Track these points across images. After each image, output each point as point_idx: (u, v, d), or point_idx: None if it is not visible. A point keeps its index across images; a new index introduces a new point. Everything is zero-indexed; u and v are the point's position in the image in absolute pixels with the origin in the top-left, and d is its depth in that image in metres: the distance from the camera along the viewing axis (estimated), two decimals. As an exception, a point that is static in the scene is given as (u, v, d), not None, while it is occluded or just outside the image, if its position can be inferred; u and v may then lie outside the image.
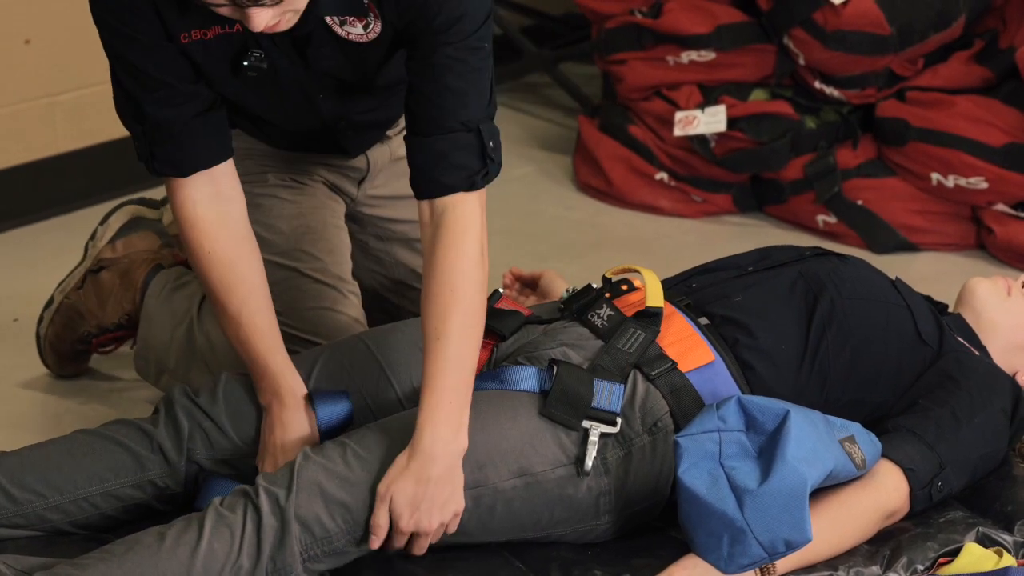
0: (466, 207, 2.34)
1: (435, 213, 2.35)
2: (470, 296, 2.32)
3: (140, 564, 2.19)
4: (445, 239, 2.33)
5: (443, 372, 2.29)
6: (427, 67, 2.32)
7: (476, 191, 2.35)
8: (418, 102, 2.34)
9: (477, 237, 2.34)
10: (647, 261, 2.67)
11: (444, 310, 2.31)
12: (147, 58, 2.35)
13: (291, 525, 2.23)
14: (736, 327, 2.50)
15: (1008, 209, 3.68)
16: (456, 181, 2.34)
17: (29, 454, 2.45)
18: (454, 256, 2.32)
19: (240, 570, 2.21)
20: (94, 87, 3.82)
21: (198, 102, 2.40)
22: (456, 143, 2.33)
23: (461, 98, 2.32)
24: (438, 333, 2.30)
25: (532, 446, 2.34)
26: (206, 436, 2.46)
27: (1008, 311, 2.74)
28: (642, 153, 3.99)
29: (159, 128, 2.39)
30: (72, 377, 3.12)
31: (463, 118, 2.33)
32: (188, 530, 2.23)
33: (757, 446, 2.28)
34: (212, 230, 2.43)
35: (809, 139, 3.83)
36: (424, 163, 2.35)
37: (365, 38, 2.40)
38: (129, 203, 3.10)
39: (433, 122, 2.33)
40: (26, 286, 3.34)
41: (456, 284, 2.31)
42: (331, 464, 2.28)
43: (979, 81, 3.76)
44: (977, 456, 2.50)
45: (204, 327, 2.82)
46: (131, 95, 2.39)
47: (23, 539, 2.40)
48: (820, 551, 2.33)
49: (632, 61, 4.00)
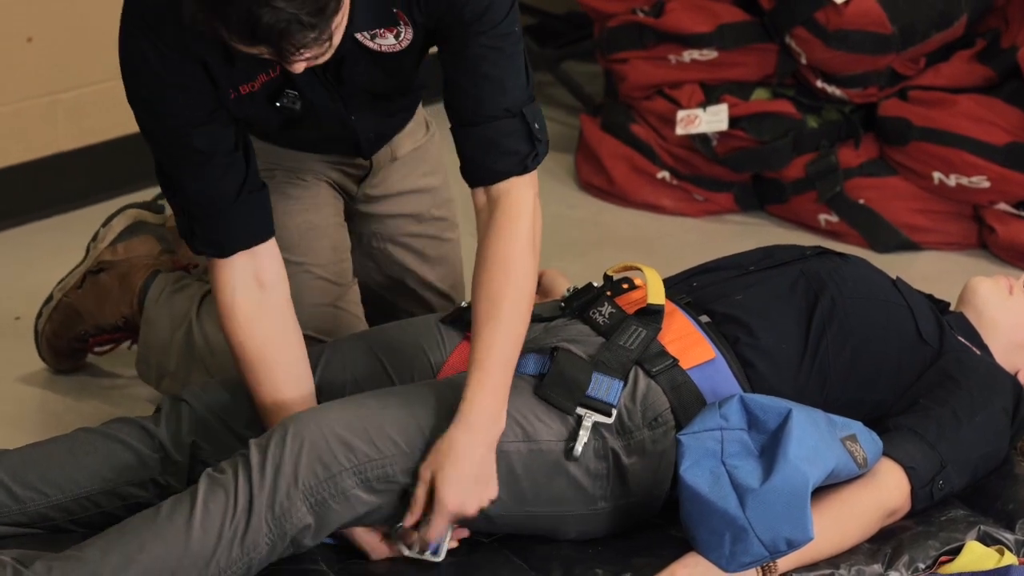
0: (520, 192, 2.37)
1: (490, 199, 2.38)
2: (522, 279, 2.35)
3: (139, 536, 2.20)
4: (499, 223, 2.36)
5: (492, 352, 2.31)
6: (462, 60, 2.34)
7: (528, 174, 2.38)
8: (458, 95, 2.36)
9: (529, 222, 2.37)
10: (649, 260, 2.67)
11: (497, 293, 2.33)
12: (195, 128, 2.34)
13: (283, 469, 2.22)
14: (737, 325, 2.50)
15: (1010, 208, 3.68)
16: (509, 167, 2.36)
17: (31, 452, 2.45)
18: (507, 240, 2.35)
19: (238, 527, 2.21)
20: (96, 85, 3.82)
21: (238, 175, 2.39)
22: (502, 129, 2.35)
23: (500, 85, 2.34)
24: (489, 315, 2.33)
25: (536, 415, 2.35)
26: (209, 434, 2.46)
27: (1010, 310, 2.74)
28: (644, 152, 3.99)
29: (199, 206, 2.39)
30: (73, 374, 3.12)
31: (505, 104, 2.35)
32: (183, 498, 2.24)
33: (759, 445, 2.28)
34: (247, 322, 2.41)
35: (811, 138, 3.83)
36: (474, 153, 2.37)
37: (398, 47, 2.40)
38: (133, 207, 3.10)
39: (476, 112, 2.35)
40: (28, 284, 3.35)
41: (509, 268, 2.34)
42: (322, 412, 2.28)
43: (981, 80, 3.76)
44: (978, 455, 2.50)
45: (203, 329, 2.82)
46: (171, 175, 2.39)
47: (25, 537, 2.40)
48: (822, 549, 2.33)
49: (634, 60, 4.00)
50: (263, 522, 2.22)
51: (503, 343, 2.32)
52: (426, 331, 2.57)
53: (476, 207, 2.40)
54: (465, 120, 2.36)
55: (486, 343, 2.32)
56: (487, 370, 2.30)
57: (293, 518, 2.23)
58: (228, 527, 2.21)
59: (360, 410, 2.30)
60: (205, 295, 2.87)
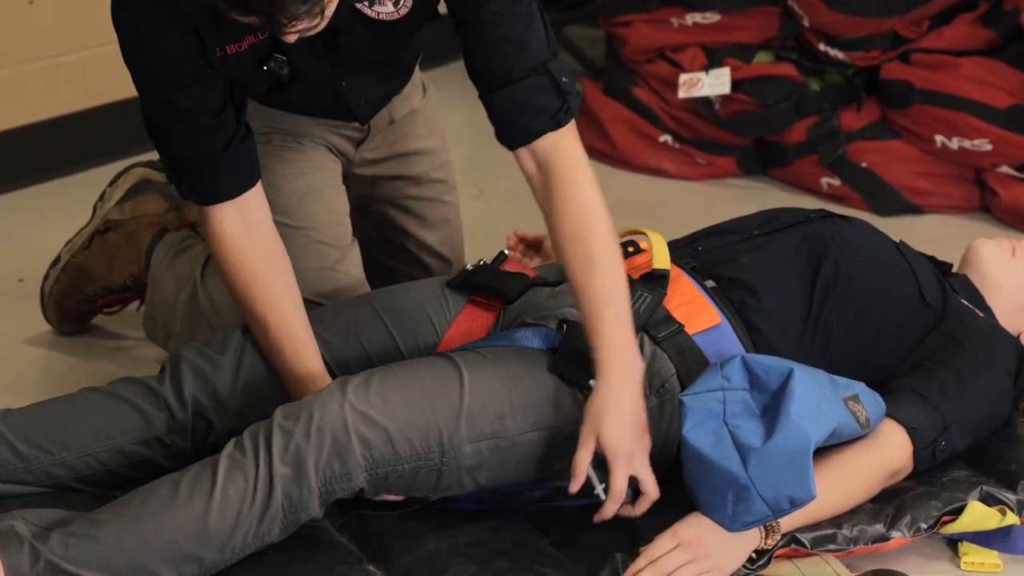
0: (567, 145, 2.37)
1: (539, 161, 2.38)
2: (604, 222, 2.35)
3: (156, 519, 2.20)
4: (560, 179, 2.36)
5: (605, 303, 2.31)
6: (477, 28, 2.34)
7: (568, 127, 2.38)
8: (480, 61, 2.36)
9: (587, 167, 2.38)
10: (652, 224, 2.67)
11: (586, 246, 2.33)
12: (180, 89, 2.36)
13: (306, 463, 2.23)
14: (742, 289, 2.50)
15: (1012, 171, 3.67)
16: (543, 124, 2.36)
17: (36, 411, 2.46)
18: (576, 191, 2.35)
19: (255, 513, 2.22)
20: (97, 48, 3.81)
21: (223, 134, 2.41)
22: (531, 88, 2.36)
23: (521, 45, 2.35)
24: (587, 269, 2.33)
25: (550, 401, 2.34)
26: (213, 392, 2.47)
27: (1013, 272, 2.74)
28: (646, 116, 3.98)
29: (185, 160, 2.42)
30: (77, 335, 3.12)
31: (529, 64, 2.35)
32: (202, 477, 2.23)
33: (761, 405, 2.29)
34: (237, 244, 2.45)
35: (813, 101, 3.82)
36: (505, 115, 2.38)
37: (397, 15, 2.40)
38: (139, 165, 3.11)
39: (502, 76, 2.36)
40: (30, 247, 3.35)
41: (590, 216, 2.34)
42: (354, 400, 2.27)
43: (984, 43, 3.76)
44: (981, 416, 2.50)
45: (208, 289, 2.82)
46: (159, 127, 2.42)
47: (31, 495, 2.41)
48: (824, 509, 2.34)
49: (636, 23, 3.99)
50: (280, 510, 2.24)
51: (612, 291, 2.31)
52: (431, 294, 2.57)
53: (527, 174, 2.40)
54: (493, 84, 2.37)
55: (596, 297, 2.31)
56: (608, 324, 2.30)
57: (308, 509, 2.25)
58: (246, 514, 2.22)
59: (385, 406, 2.28)
60: (209, 256, 2.87)
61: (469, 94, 2.45)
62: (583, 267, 2.33)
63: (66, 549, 2.17)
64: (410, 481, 2.30)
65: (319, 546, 2.32)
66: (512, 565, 2.29)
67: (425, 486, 2.32)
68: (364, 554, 2.33)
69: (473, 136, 4.00)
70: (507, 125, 2.38)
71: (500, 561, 2.30)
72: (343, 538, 2.36)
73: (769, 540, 2.29)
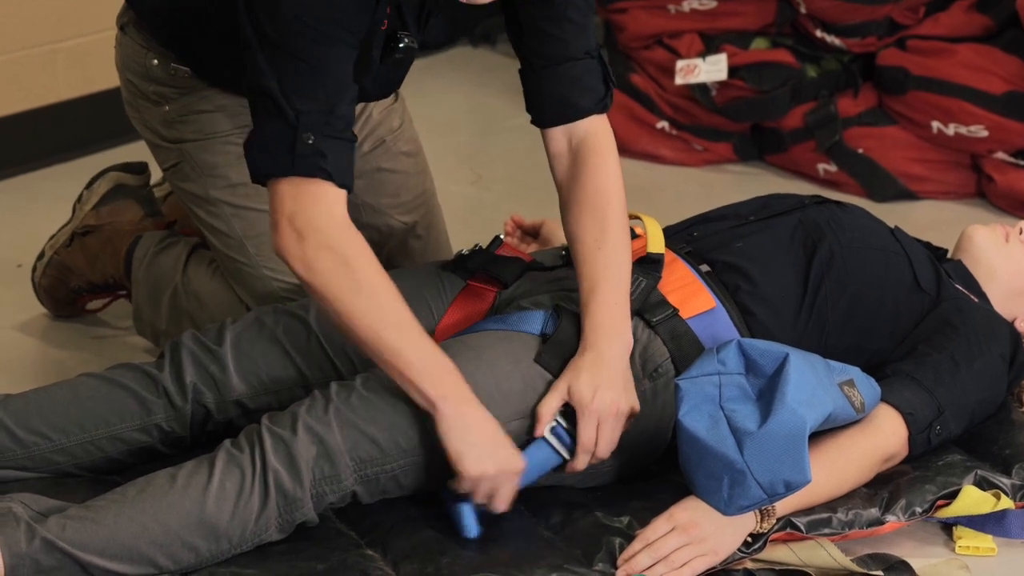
0: (603, 132, 2.48)
1: (573, 142, 2.47)
2: (621, 206, 2.44)
3: (153, 505, 2.21)
4: (590, 161, 2.45)
5: (607, 276, 2.37)
6: (549, 6, 2.41)
7: (605, 115, 2.48)
8: (543, 39, 2.43)
9: (616, 157, 2.47)
10: (648, 209, 2.67)
11: (602, 221, 2.41)
12: (348, 50, 2.26)
13: (298, 461, 2.24)
14: (737, 274, 2.51)
15: (1008, 157, 3.68)
16: (590, 104, 2.46)
17: (35, 397, 2.46)
18: (603, 173, 2.44)
19: (252, 508, 2.23)
20: (95, 34, 3.81)
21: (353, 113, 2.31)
22: (586, 69, 2.45)
23: (583, 29, 2.44)
24: (599, 242, 2.40)
25: (534, 388, 2.35)
26: (212, 379, 2.47)
27: (1007, 257, 2.75)
28: (643, 102, 3.99)
29: (334, 128, 2.26)
30: (75, 321, 3.13)
31: (587, 47, 2.45)
32: (199, 470, 2.25)
33: (757, 389, 2.29)
34: (354, 232, 2.29)
35: (810, 88, 3.83)
36: (556, 91, 2.45)
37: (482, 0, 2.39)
38: (113, 169, 3.09)
39: (562, 55, 2.44)
40: (29, 232, 3.35)
41: (610, 196, 2.43)
42: (338, 403, 2.29)
43: (980, 29, 3.76)
44: (975, 401, 2.51)
45: (190, 287, 2.83)
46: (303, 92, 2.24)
47: (30, 481, 2.41)
48: (819, 493, 2.35)
49: (633, 10, 3.99)
50: (276, 507, 2.25)
51: (616, 266, 2.39)
52: (427, 278, 2.57)
53: (554, 153, 2.47)
54: (550, 61, 2.43)
55: (599, 270, 2.38)
56: (604, 295, 2.36)
57: (302, 508, 2.26)
58: (243, 507, 2.23)
59: (368, 408, 2.28)
60: (191, 252, 2.87)
61: (468, 81, 2.46)
62: (595, 238, 2.40)
63: (63, 530, 2.18)
64: (402, 480, 2.32)
65: (317, 532, 2.33)
66: (509, 550, 2.30)
67: (417, 484, 2.33)
68: (362, 539, 2.34)
69: (471, 123, 4.01)
70: (555, 101, 2.45)
71: (497, 546, 2.31)
72: (341, 524, 2.37)
73: (764, 524, 2.30)
